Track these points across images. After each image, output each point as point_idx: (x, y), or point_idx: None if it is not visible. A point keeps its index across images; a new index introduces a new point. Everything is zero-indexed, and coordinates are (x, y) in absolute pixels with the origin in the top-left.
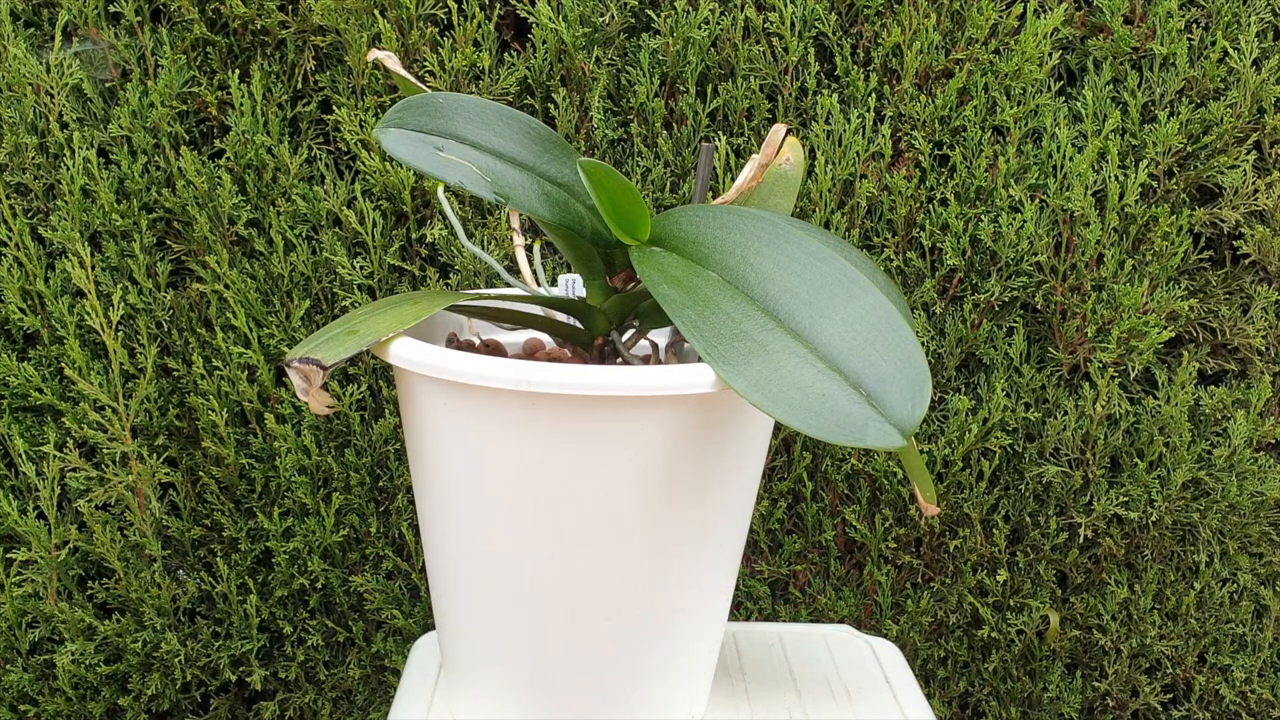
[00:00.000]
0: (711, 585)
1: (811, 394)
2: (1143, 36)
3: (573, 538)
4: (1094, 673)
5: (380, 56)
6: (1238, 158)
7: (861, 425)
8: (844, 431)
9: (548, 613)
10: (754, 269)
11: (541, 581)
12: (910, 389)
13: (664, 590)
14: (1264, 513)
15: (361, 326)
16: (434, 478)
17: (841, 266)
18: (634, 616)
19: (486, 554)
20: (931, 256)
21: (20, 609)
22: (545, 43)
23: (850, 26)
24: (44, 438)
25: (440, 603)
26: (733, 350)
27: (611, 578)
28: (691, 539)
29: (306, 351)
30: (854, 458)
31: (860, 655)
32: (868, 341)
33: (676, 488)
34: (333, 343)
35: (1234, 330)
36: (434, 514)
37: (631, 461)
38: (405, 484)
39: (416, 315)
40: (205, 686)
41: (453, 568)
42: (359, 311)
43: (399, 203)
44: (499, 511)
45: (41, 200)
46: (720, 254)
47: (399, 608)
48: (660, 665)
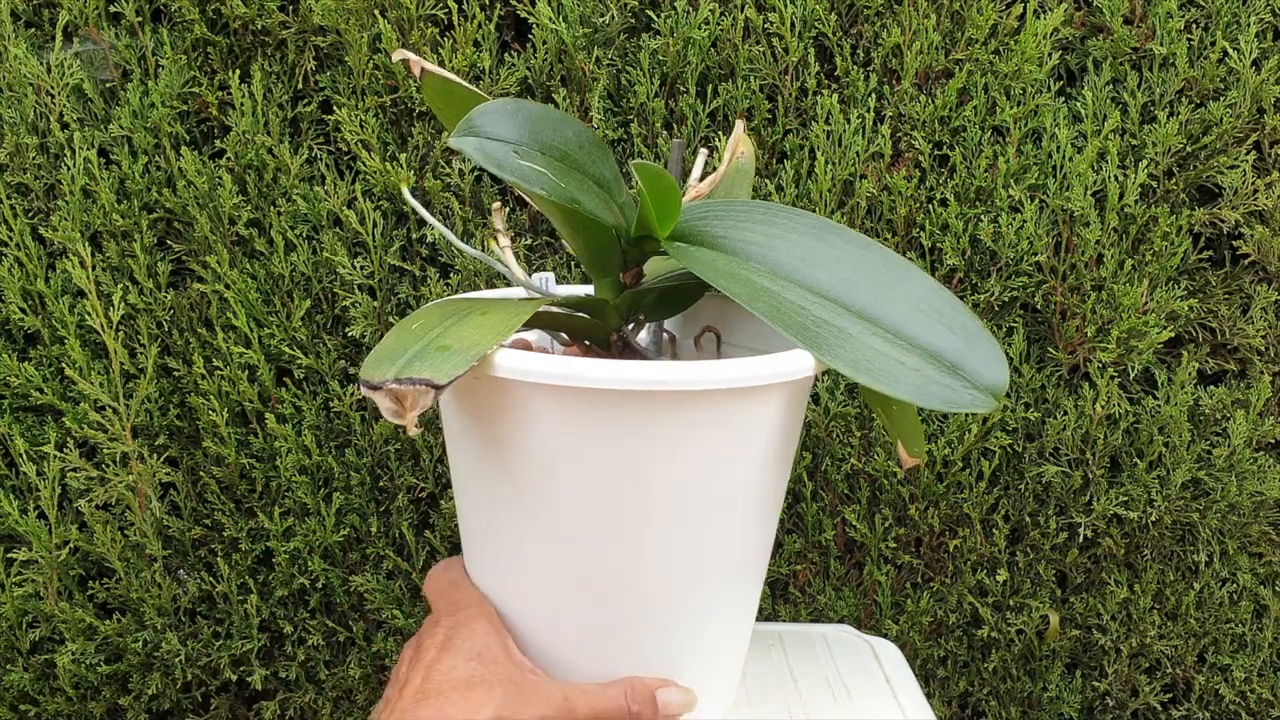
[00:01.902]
0: (760, 577)
1: (907, 369)
2: (1142, 37)
3: (675, 533)
4: (1094, 672)
5: (412, 59)
6: (1237, 158)
7: (959, 393)
8: (946, 401)
9: (639, 610)
10: (799, 259)
11: (635, 580)
12: (988, 357)
13: (737, 578)
14: (1263, 512)
15: (449, 340)
16: (528, 489)
17: (881, 251)
18: (710, 606)
19: (584, 559)
20: (931, 257)
21: (21, 609)
22: (545, 43)
23: (850, 27)
24: (44, 438)
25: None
26: (818, 336)
27: (705, 571)
28: (767, 524)
29: (400, 372)
30: (853, 458)
31: (860, 655)
32: (933, 318)
33: (760, 476)
34: (428, 360)
35: (1234, 330)
36: (520, 528)
37: (736, 448)
38: (405, 484)
39: (508, 326)
40: (206, 686)
41: (540, 576)
42: (417, 326)
43: (399, 203)
44: (604, 516)
45: (42, 200)
46: (756, 247)
47: (399, 607)
48: (713, 659)
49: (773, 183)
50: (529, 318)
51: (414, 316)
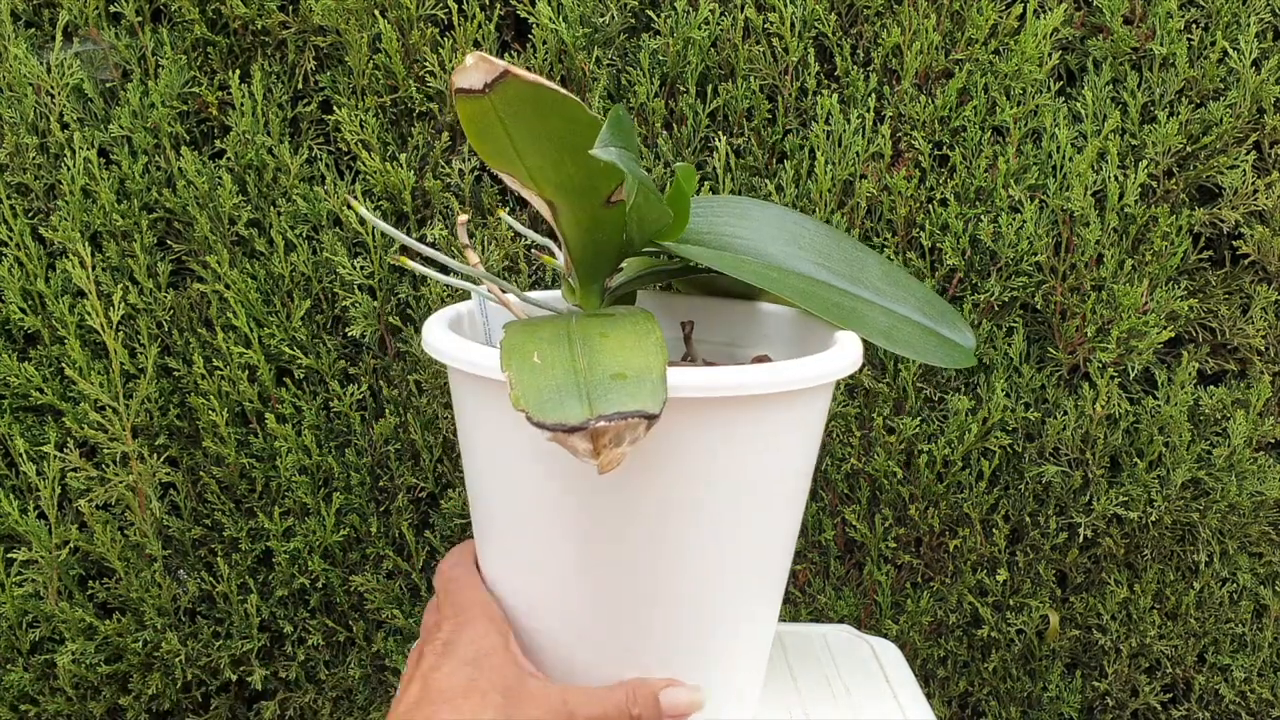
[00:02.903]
0: (787, 573)
1: (920, 337)
2: (1142, 37)
3: (724, 534)
4: (1094, 672)
5: (495, 61)
6: (1237, 158)
7: (955, 354)
8: (951, 360)
9: (676, 615)
10: (787, 250)
11: (675, 583)
12: (959, 323)
13: (774, 578)
14: (1263, 512)
15: (616, 367)
16: (573, 495)
17: (840, 235)
18: (747, 608)
19: (622, 565)
20: (931, 256)
21: (21, 609)
22: (545, 43)
23: (850, 27)
24: (45, 438)
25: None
26: (848, 316)
27: (745, 572)
28: (798, 520)
29: (597, 408)
30: (853, 458)
31: (860, 655)
32: (903, 293)
33: (799, 475)
34: (618, 391)
35: (1233, 330)
36: (554, 536)
37: (797, 444)
38: (405, 484)
39: (654, 342)
40: (206, 686)
41: (574, 583)
42: (541, 358)
43: (399, 202)
44: (651, 522)
45: (42, 200)
46: (744, 241)
47: (399, 607)
48: (744, 660)
49: (772, 183)
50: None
51: (517, 348)
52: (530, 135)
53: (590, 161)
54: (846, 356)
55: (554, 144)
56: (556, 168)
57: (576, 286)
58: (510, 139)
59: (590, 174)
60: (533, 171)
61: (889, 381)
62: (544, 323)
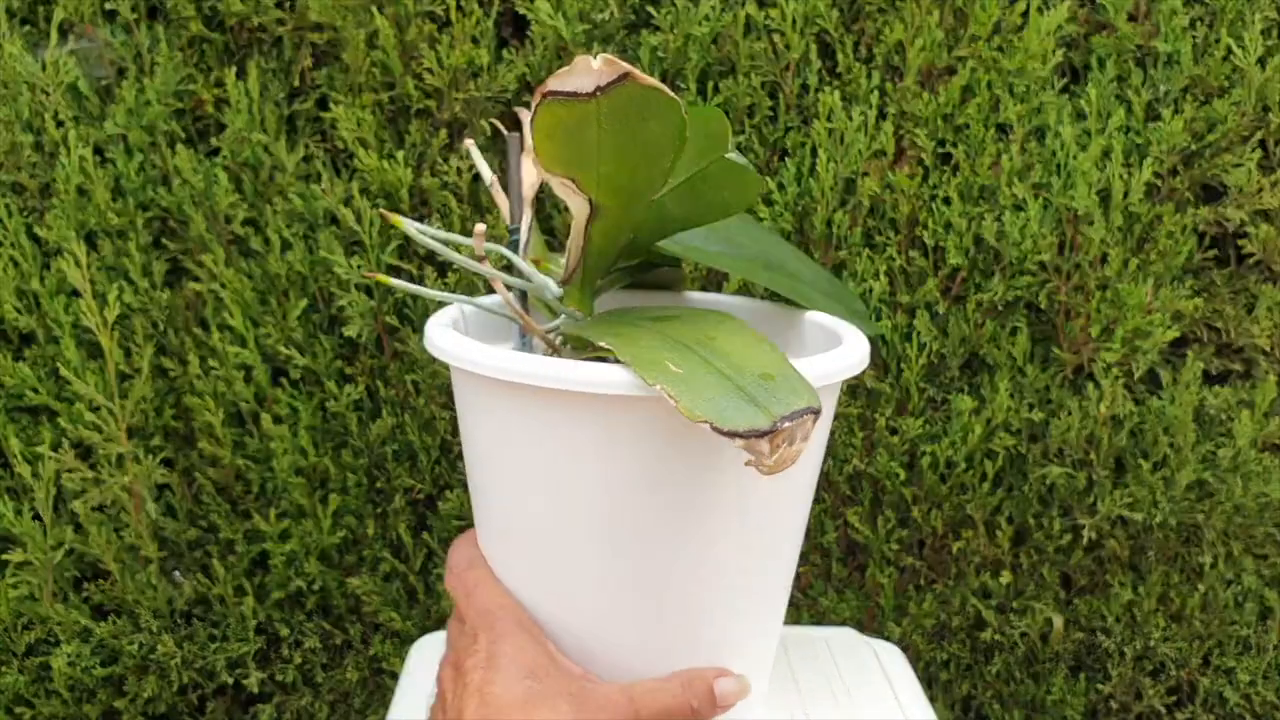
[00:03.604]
0: (795, 569)
1: (857, 319)
2: (1147, 34)
3: (754, 531)
4: (1098, 675)
5: (611, 59)
6: (1242, 156)
7: (873, 325)
8: (874, 331)
9: (698, 611)
10: (762, 250)
11: (701, 581)
12: (859, 302)
13: (788, 574)
14: (1269, 514)
15: (757, 367)
16: (605, 496)
17: (768, 230)
18: (762, 605)
19: (650, 564)
20: (934, 255)
21: (16, 610)
22: (544, 39)
23: (852, 23)
24: (39, 438)
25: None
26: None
27: (767, 567)
28: (807, 513)
29: (775, 410)
30: (856, 459)
31: (862, 658)
32: (821, 281)
33: (813, 464)
34: (774, 392)
35: (1239, 330)
36: (579, 539)
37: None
38: (402, 485)
39: (767, 342)
40: (202, 689)
41: (601, 581)
42: (674, 365)
43: (396, 200)
44: (678, 521)
45: (37, 199)
46: (727, 243)
47: (397, 610)
48: (760, 658)
49: (774, 181)
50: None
51: (644, 358)
52: (623, 140)
53: (660, 163)
54: (853, 355)
55: (640, 148)
56: (631, 172)
57: (578, 289)
58: (599, 144)
59: (654, 176)
60: (604, 176)
61: (891, 382)
62: (622, 327)
